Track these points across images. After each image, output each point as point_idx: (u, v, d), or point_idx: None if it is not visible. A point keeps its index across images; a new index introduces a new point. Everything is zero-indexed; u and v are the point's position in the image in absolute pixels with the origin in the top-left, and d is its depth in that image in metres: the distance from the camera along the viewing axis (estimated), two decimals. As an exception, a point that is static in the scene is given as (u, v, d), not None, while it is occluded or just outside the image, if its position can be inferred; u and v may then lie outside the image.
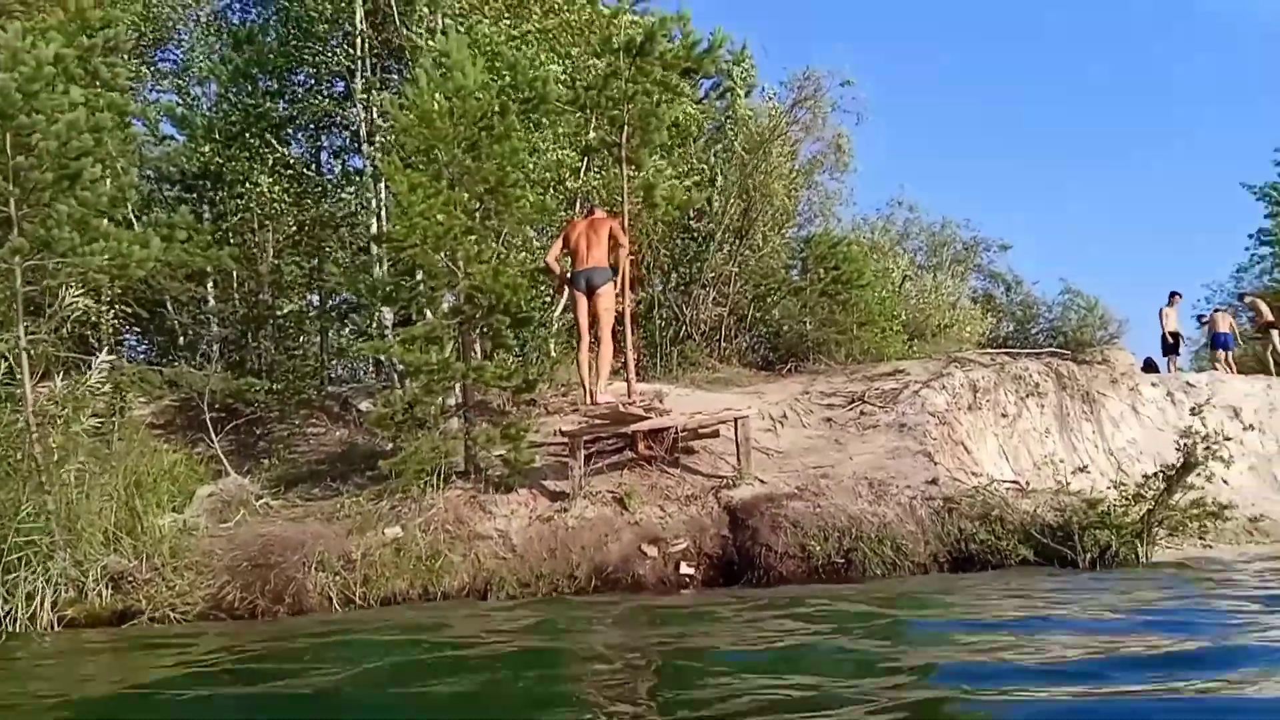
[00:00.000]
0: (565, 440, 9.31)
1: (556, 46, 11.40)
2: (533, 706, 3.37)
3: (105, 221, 8.38)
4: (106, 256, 8.30)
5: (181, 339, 13.80)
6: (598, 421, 8.80)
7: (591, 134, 10.99)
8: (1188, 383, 14.60)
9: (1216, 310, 18.43)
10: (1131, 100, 63.05)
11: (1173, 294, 17.22)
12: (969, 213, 32.18)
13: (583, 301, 8.63)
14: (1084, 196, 60.80)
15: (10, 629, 7.40)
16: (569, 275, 8.76)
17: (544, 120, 11.19)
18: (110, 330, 12.24)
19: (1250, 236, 26.54)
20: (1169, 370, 16.37)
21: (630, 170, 10.11)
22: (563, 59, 11.27)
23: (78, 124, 7.24)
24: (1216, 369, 16.22)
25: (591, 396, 8.57)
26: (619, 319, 9.10)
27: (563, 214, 12.29)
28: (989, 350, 14.23)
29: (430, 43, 10.15)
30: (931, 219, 22.82)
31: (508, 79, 9.47)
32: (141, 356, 14.56)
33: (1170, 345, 16.82)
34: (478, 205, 9.31)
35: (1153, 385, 14.41)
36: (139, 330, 13.94)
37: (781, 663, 4.05)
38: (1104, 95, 64.51)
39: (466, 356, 9.16)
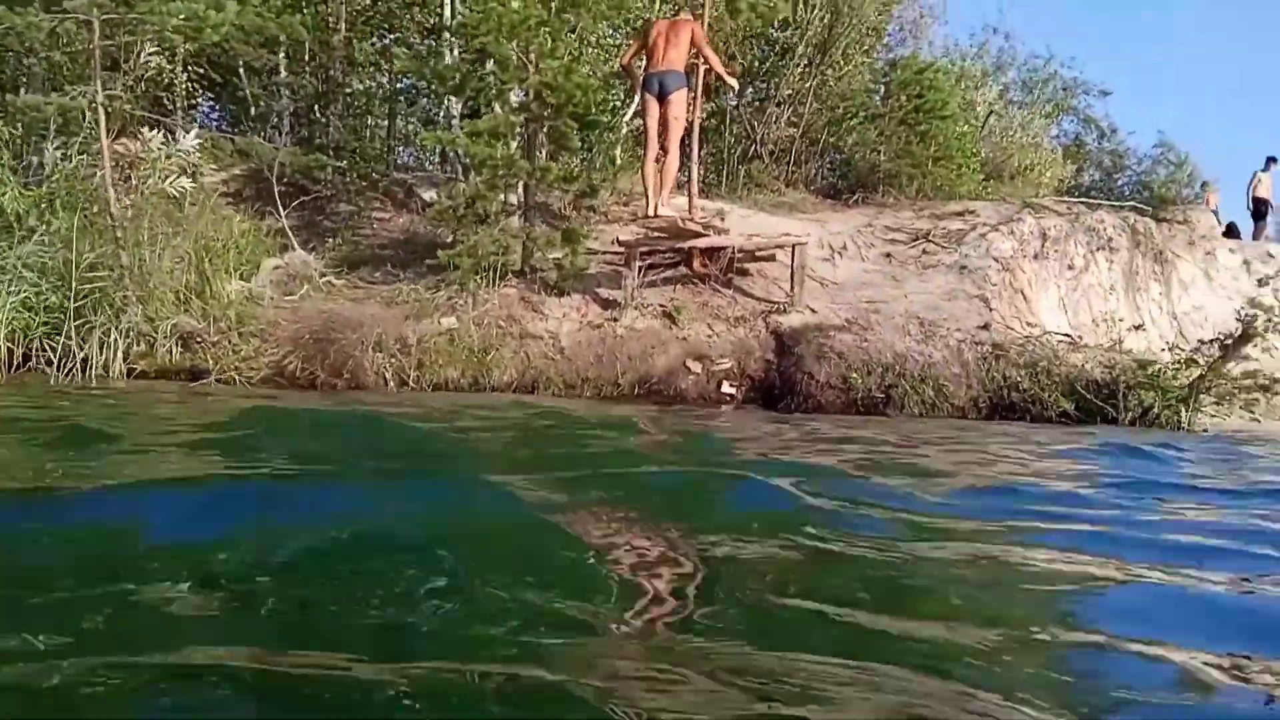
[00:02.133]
0: (621, 250, 9.36)
1: None
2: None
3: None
4: (182, 16, 8.26)
5: (252, 109, 13.80)
6: (655, 233, 8.79)
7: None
8: (1268, 253, 14.09)
9: None
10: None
11: (1270, 159, 16.31)
12: (1071, 50, 30.26)
13: (654, 106, 8.38)
14: (1198, 58, 56.57)
15: (80, 374, 7.89)
16: (643, 78, 8.46)
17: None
18: (184, 93, 12.27)
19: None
20: (1256, 238, 15.72)
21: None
22: None
23: None
24: None
25: (653, 207, 8.50)
26: (688, 130, 8.89)
27: (640, 13, 11.81)
28: (1066, 199, 13.75)
29: None
30: (1032, 51, 21.49)
31: None
32: (213, 124, 14.66)
33: (1259, 212, 16.09)
34: (555, -4, 8.99)
35: (1230, 251, 13.93)
36: (211, 96, 13.94)
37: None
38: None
39: (532, 155, 9.09)
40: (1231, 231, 15.61)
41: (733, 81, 9.49)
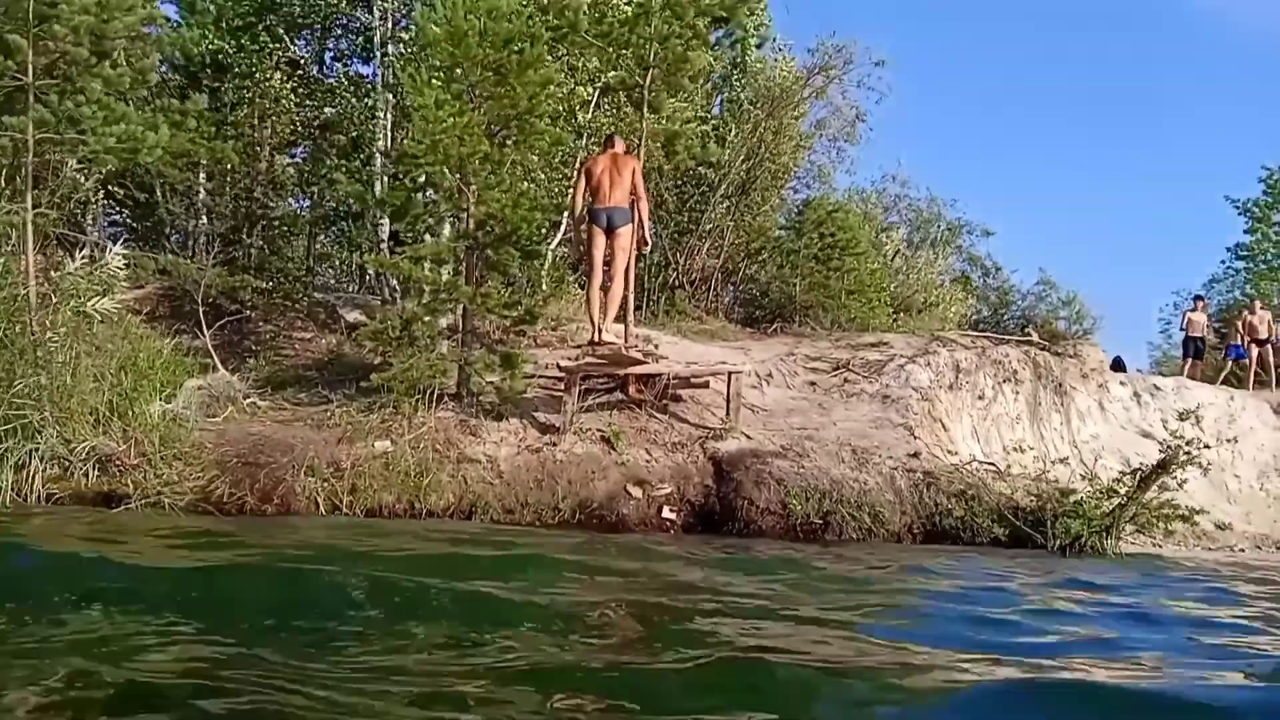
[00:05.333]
0: (556, 374, 9.42)
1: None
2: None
3: (123, 103, 8.25)
4: (114, 139, 8.19)
5: (168, 228, 13.61)
6: (598, 360, 8.90)
7: (612, 73, 10.91)
8: (1155, 385, 15.01)
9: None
10: (1117, 106, 63.48)
11: (1198, 298, 17.42)
12: (961, 193, 32.43)
13: (600, 239, 8.63)
14: (1069, 196, 61.42)
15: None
16: (589, 211, 8.72)
17: (564, 52, 11.08)
18: (100, 210, 12.05)
19: (1228, 250, 27.08)
20: (1185, 375, 16.47)
21: (649, 114, 10.07)
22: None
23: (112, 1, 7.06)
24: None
25: (598, 333, 8.63)
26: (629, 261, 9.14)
27: (573, 148, 12.24)
28: (970, 333, 14.51)
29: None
30: (919, 195, 22.98)
31: (543, 2, 9.35)
32: (126, 241, 14.33)
33: (1196, 349, 16.99)
34: (497, 131, 9.25)
35: (1121, 384, 14.79)
36: (128, 214, 13.69)
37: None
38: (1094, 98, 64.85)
39: (470, 280, 9.17)
40: (1118, 365, 16.62)
41: (646, 248, 9.72)
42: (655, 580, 5.10)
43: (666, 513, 8.37)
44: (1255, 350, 16.64)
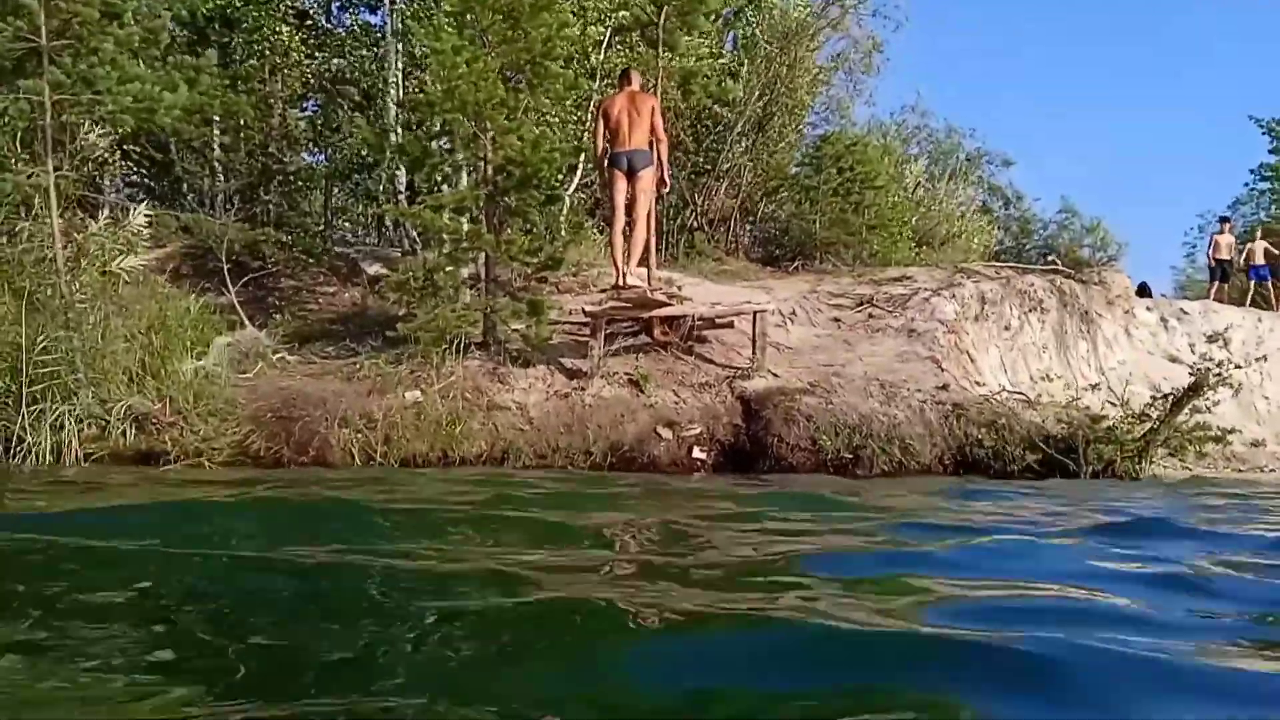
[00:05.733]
0: (581, 319, 9.42)
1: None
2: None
3: (136, 63, 8.19)
4: (134, 98, 8.16)
5: (186, 186, 13.60)
6: (623, 304, 8.88)
7: (624, 12, 10.72)
8: (1181, 310, 14.89)
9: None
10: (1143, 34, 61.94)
11: (1224, 219, 17.13)
12: (984, 121, 31.92)
13: (621, 182, 8.55)
14: (1096, 121, 60.39)
15: (35, 461, 7.55)
16: (609, 155, 8.63)
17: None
18: (119, 171, 12.04)
19: (1252, 171, 26.62)
20: (1212, 298, 16.31)
21: (664, 52, 9.93)
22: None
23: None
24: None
25: (623, 277, 8.61)
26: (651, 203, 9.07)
27: (588, 89, 12.09)
28: (994, 264, 14.38)
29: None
30: (937, 126, 22.66)
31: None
32: (143, 201, 14.35)
33: (1222, 272, 16.77)
34: (511, 76, 9.15)
35: (1147, 309, 14.68)
36: (145, 175, 13.68)
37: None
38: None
39: (491, 227, 9.14)
40: (1144, 291, 16.46)
41: (665, 189, 9.66)
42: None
43: (697, 453, 8.42)
44: None
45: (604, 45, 12.87)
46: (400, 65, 12.28)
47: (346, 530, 3.50)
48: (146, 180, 13.35)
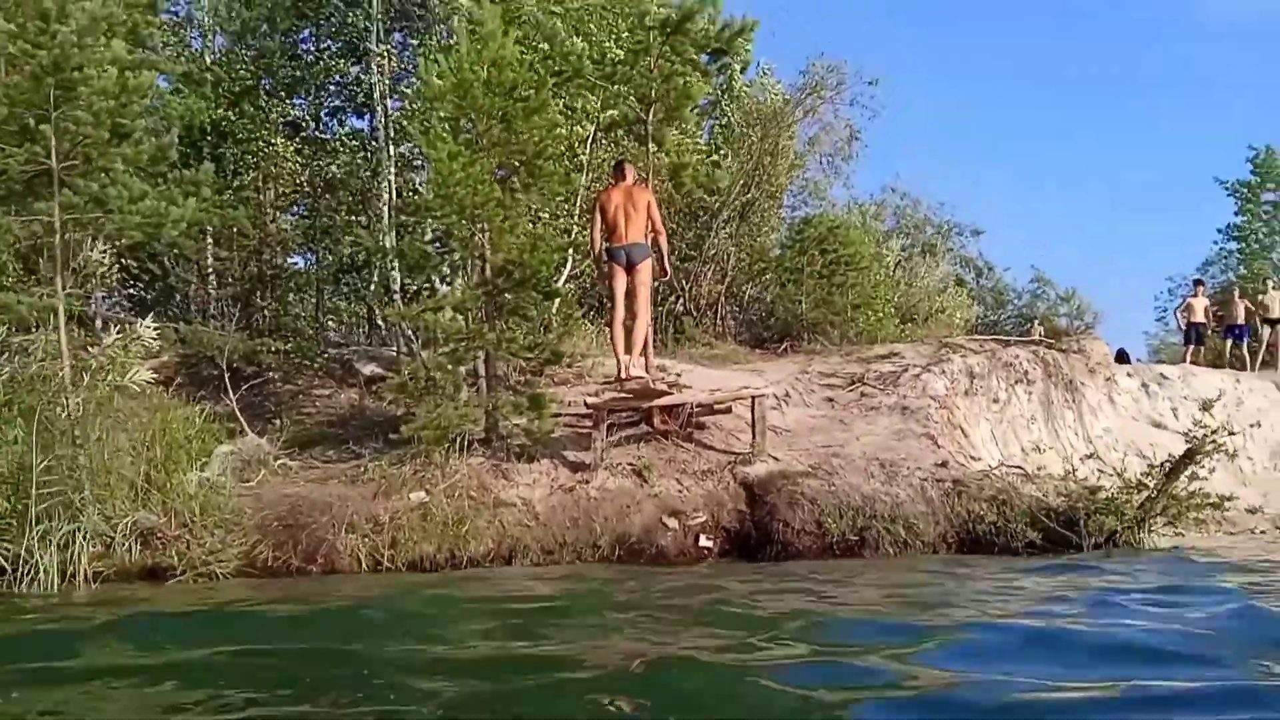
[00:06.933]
0: (580, 410, 9.54)
1: (579, 24, 11.50)
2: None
3: (137, 180, 8.40)
4: (142, 215, 8.35)
5: (177, 295, 13.76)
6: (625, 395, 9.01)
7: (613, 111, 11.11)
8: (1161, 374, 15.17)
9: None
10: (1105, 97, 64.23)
11: (1197, 282, 17.48)
12: (952, 194, 32.82)
13: (621, 276, 8.71)
14: (1060, 188, 62.14)
15: (41, 586, 7.45)
16: (607, 250, 8.81)
17: (564, 94, 11.29)
18: (113, 284, 12.16)
19: (1220, 231, 27.38)
20: (1188, 361, 16.52)
21: (653, 148, 10.27)
22: (585, 37, 11.37)
23: (133, 82, 7.24)
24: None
25: (626, 369, 8.74)
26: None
27: (575, 184, 12.41)
28: (977, 337, 14.67)
29: (465, 0, 10.18)
30: (904, 201, 23.23)
31: (545, 50, 9.57)
32: (136, 312, 14.48)
33: (1196, 335, 17.02)
34: (505, 177, 9.42)
35: (1128, 375, 14.96)
36: (139, 286, 13.84)
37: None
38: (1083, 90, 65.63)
39: (492, 325, 9.31)
40: (1122, 357, 16.78)
41: (665, 278, 10.05)
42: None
43: (703, 541, 8.48)
44: (1268, 331, 16.76)
45: (589, 141, 13.27)
46: (394, 169, 12.59)
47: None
48: (141, 292, 13.49)
